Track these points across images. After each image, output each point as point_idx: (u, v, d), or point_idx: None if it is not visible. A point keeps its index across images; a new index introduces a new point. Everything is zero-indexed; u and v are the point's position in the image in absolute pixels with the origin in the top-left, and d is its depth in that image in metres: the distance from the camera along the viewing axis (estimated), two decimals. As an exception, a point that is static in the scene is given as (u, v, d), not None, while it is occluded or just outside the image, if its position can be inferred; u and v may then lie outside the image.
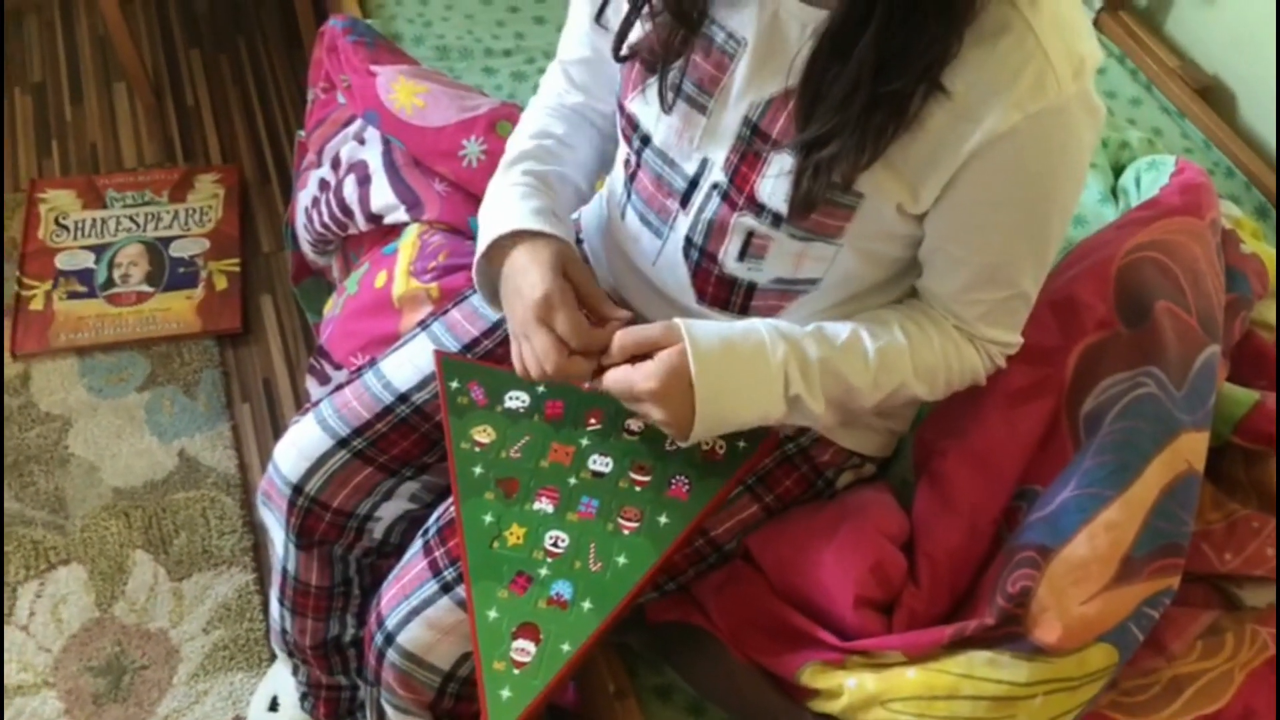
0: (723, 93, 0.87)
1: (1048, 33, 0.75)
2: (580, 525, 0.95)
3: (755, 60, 0.84)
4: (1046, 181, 0.83)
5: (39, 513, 1.58)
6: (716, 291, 0.95)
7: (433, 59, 1.58)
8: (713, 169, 0.90)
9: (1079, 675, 0.90)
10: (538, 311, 0.89)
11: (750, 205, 0.88)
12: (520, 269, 0.92)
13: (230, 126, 2.16)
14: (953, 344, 0.93)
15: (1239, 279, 1.15)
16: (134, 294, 1.84)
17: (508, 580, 0.92)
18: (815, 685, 0.95)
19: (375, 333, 1.27)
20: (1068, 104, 0.77)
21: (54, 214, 1.94)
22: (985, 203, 0.84)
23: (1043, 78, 0.76)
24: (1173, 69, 1.58)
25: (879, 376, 0.90)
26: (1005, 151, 0.79)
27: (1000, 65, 0.76)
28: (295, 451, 1.06)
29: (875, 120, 0.78)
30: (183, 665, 1.46)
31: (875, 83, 0.76)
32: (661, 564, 0.94)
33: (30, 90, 2.18)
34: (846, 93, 0.77)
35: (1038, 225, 0.86)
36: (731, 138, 0.87)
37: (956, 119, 0.78)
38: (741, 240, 0.90)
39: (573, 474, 0.98)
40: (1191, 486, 0.97)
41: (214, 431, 1.69)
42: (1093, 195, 1.31)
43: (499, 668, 0.88)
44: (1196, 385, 1.01)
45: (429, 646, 0.95)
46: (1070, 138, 0.81)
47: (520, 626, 0.90)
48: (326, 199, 1.45)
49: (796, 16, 0.81)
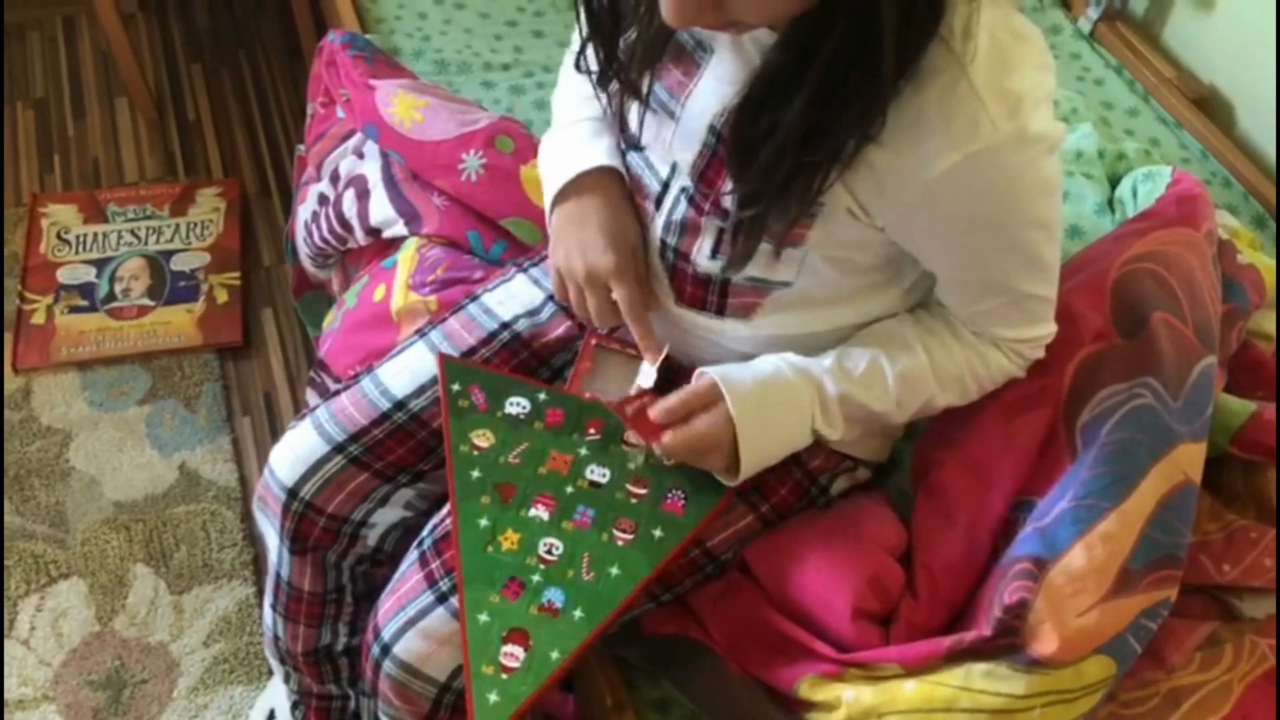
0: (689, 98, 0.87)
1: (980, 73, 0.74)
2: (575, 534, 0.95)
3: (719, 70, 0.85)
4: (1006, 206, 0.82)
5: (40, 526, 1.59)
6: (694, 291, 0.96)
7: (431, 73, 1.58)
8: (680, 173, 0.91)
9: (1077, 687, 0.90)
10: (605, 275, 0.94)
11: (715, 210, 0.88)
12: (595, 215, 0.96)
13: (231, 140, 2.17)
14: (974, 351, 0.94)
15: (1236, 289, 1.15)
16: (135, 308, 1.85)
17: (500, 585, 0.92)
18: (813, 698, 0.95)
19: (374, 346, 1.27)
20: (1004, 142, 0.76)
21: (56, 228, 1.95)
22: (942, 232, 0.84)
23: (976, 119, 0.75)
24: (1170, 79, 1.59)
25: (902, 398, 0.93)
26: (951, 188, 0.79)
27: (935, 108, 0.75)
28: (291, 456, 1.06)
29: (801, 184, 0.79)
30: (183, 679, 1.46)
31: (800, 152, 0.76)
32: (654, 577, 0.94)
33: (33, 105, 2.19)
34: (771, 161, 0.78)
35: (1008, 240, 0.85)
36: (698, 144, 0.87)
37: (897, 158, 0.78)
38: (713, 238, 0.91)
39: (570, 483, 0.98)
40: (1189, 498, 0.97)
41: (214, 445, 1.69)
42: (1089, 206, 1.31)
43: (488, 671, 0.88)
44: (1193, 396, 1.01)
45: (424, 657, 0.96)
46: (1013, 173, 0.79)
47: (510, 631, 0.90)
48: (326, 213, 1.46)
49: (755, 36, 0.82)
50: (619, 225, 0.95)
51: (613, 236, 0.94)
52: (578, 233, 0.95)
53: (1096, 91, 1.62)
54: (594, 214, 0.95)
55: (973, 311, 0.92)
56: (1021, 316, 0.93)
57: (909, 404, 0.94)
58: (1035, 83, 0.77)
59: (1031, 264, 0.88)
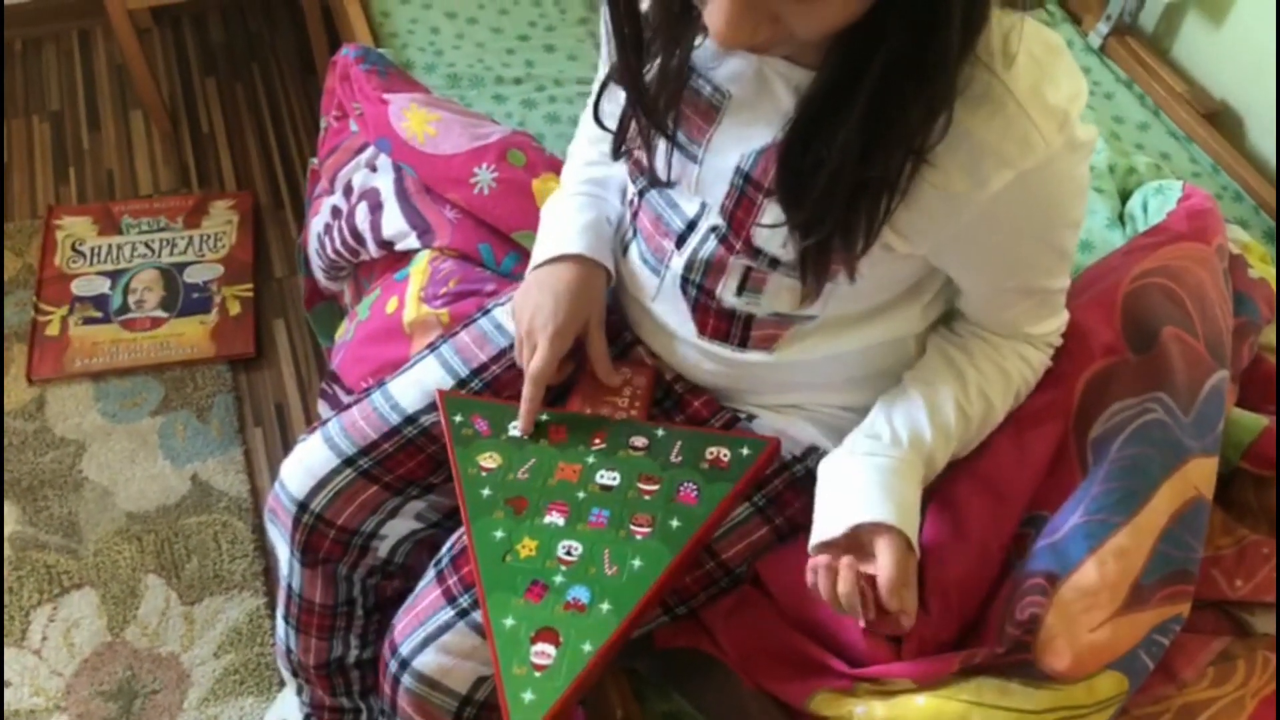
0: (710, 143, 0.88)
1: (1025, 94, 0.75)
2: (593, 534, 0.95)
3: (741, 113, 0.86)
4: (1052, 214, 0.85)
5: (52, 537, 1.59)
6: (716, 324, 0.97)
7: (444, 87, 1.59)
8: (710, 213, 0.92)
9: (1088, 703, 0.89)
10: (536, 336, 1.00)
11: (747, 249, 0.89)
12: (558, 287, 1.02)
13: (245, 154, 2.18)
14: (1018, 357, 0.96)
15: (1247, 304, 1.15)
16: (148, 319, 1.86)
17: (523, 590, 0.92)
18: (825, 713, 0.94)
19: (386, 358, 1.27)
20: (1057, 155, 0.78)
21: (70, 240, 1.96)
22: (993, 248, 0.86)
23: (1028, 138, 0.76)
24: (1180, 94, 1.59)
25: (980, 429, 0.97)
26: (1005, 205, 0.80)
27: (985, 132, 0.76)
28: (301, 469, 1.07)
29: (865, 202, 0.79)
30: (193, 690, 1.46)
31: (859, 170, 0.76)
32: (678, 565, 0.94)
33: (48, 118, 2.21)
34: (828, 184, 0.78)
35: (1050, 244, 0.88)
36: (725, 184, 0.89)
37: (949, 185, 0.79)
38: (740, 276, 0.92)
39: (581, 489, 0.98)
40: (1200, 513, 0.96)
41: (226, 456, 1.70)
42: (1100, 220, 1.32)
43: (519, 672, 0.87)
44: (1205, 411, 1.01)
45: (445, 671, 0.95)
46: (1064, 179, 0.82)
47: (539, 631, 0.89)
48: (339, 226, 1.46)
49: (781, 74, 0.83)
50: (573, 306, 1.00)
51: (563, 311, 1.00)
52: (537, 294, 1.02)
53: (1107, 106, 1.62)
54: (559, 285, 1.01)
55: (1006, 316, 0.94)
56: (1047, 310, 0.96)
57: (980, 429, 0.97)
58: (1074, 92, 0.78)
59: (1061, 260, 0.91)
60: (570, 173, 1.13)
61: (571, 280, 1.01)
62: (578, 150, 1.14)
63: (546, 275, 1.02)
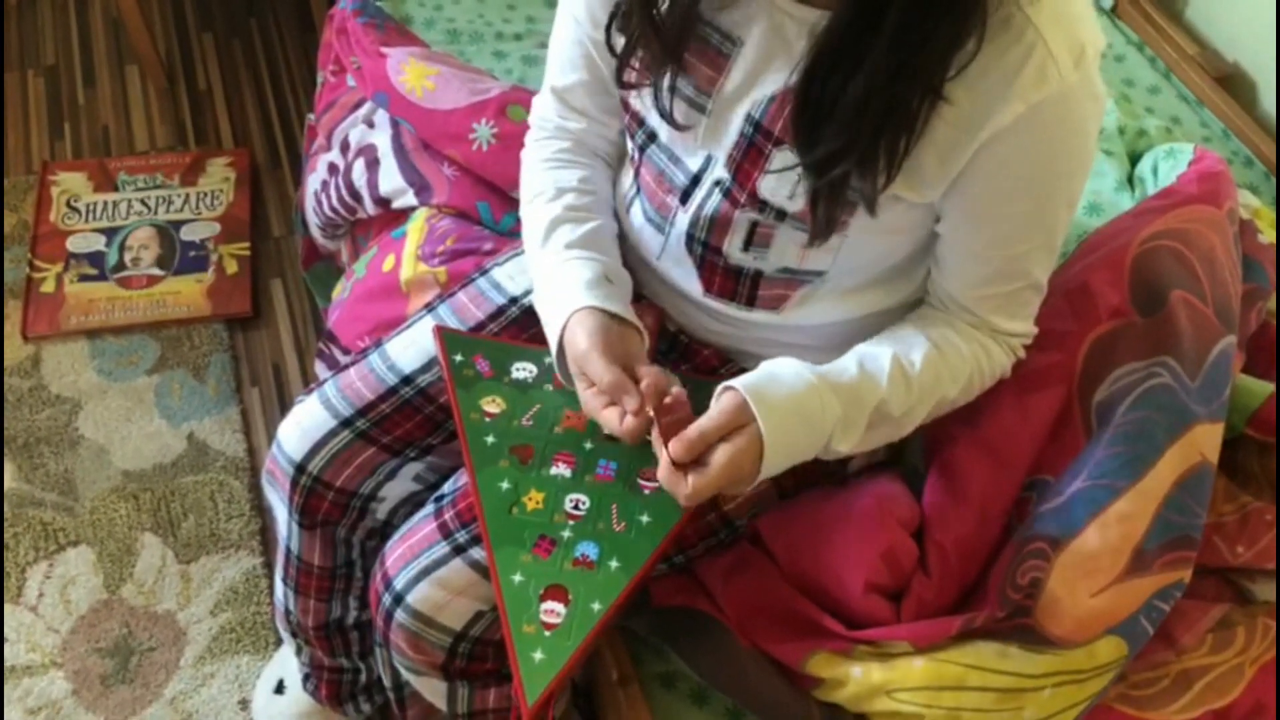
0: (719, 93, 0.87)
1: (1046, 23, 0.75)
2: (600, 487, 0.94)
3: (752, 60, 0.84)
4: (1054, 168, 0.83)
5: (49, 494, 1.59)
6: (723, 282, 0.96)
7: (443, 42, 1.57)
8: (715, 165, 0.90)
9: (1088, 668, 0.89)
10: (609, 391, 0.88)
11: (752, 202, 0.88)
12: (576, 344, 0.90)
13: (242, 110, 2.16)
14: (979, 346, 0.93)
15: (1256, 269, 1.14)
16: (145, 277, 1.84)
17: (530, 545, 0.90)
18: (821, 674, 0.94)
19: (383, 317, 1.26)
20: (1070, 91, 0.77)
21: (65, 196, 1.94)
22: (995, 194, 0.84)
23: (1044, 68, 0.76)
24: (1192, 56, 1.57)
25: (922, 398, 0.90)
26: (1012, 143, 0.79)
27: (1001, 60, 0.76)
28: (299, 431, 1.06)
29: (888, 134, 0.77)
30: (190, 648, 1.46)
31: (890, 90, 0.75)
32: (687, 520, 0.92)
33: (43, 72, 2.18)
34: (858, 104, 0.76)
35: (1047, 213, 0.86)
36: (734, 135, 0.87)
37: (961, 120, 0.78)
38: (745, 231, 0.90)
39: (588, 438, 0.97)
40: (1205, 479, 0.96)
41: (223, 415, 1.69)
42: (1109, 183, 1.30)
43: (529, 630, 0.86)
44: (1211, 376, 0.99)
45: (439, 606, 0.95)
46: (1075, 125, 0.81)
47: (548, 589, 0.88)
48: (335, 183, 1.45)
49: (793, 16, 0.81)
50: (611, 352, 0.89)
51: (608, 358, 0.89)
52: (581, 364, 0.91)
53: (1117, 68, 1.60)
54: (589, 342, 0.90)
55: (981, 294, 0.91)
56: (1022, 309, 0.93)
57: (925, 404, 0.91)
58: (1094, 36, 0.78)
59: (1049, 247, 0.89)
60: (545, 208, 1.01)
61: (592, 332, 0.91)
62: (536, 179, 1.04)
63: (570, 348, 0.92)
